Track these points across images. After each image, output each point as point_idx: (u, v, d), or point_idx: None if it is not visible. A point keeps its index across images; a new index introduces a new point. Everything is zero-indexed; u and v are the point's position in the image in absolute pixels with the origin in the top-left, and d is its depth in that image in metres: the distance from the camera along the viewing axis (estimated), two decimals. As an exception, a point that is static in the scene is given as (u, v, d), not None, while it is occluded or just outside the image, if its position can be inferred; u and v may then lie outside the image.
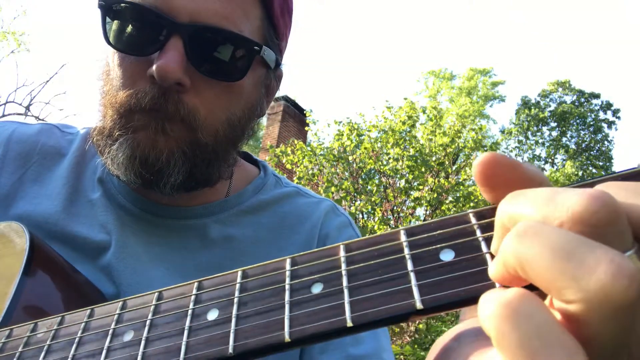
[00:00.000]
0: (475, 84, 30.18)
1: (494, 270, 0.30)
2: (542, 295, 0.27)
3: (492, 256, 0.32)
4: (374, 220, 9.83)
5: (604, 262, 0.24)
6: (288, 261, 0.40)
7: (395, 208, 10.07)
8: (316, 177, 10.09)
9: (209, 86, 0.73)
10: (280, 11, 0.82)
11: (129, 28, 0.72)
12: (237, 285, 0.41)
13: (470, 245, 0.33)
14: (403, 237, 0.35)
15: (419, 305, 0.31)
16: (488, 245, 0.33)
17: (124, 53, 0.72)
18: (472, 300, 0.30)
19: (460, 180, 10.85)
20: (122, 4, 0.71)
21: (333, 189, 9.32)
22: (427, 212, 10.54)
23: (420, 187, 10.05)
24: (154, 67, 0.68)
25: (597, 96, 28.07)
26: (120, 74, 0.73)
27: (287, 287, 0.38)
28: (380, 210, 9.84)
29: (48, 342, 0.51)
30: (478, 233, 0.33)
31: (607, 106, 27.94)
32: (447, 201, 10.53)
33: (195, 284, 0.45)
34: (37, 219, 0.81)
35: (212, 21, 0.70)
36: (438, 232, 0.34)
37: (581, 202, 0.26)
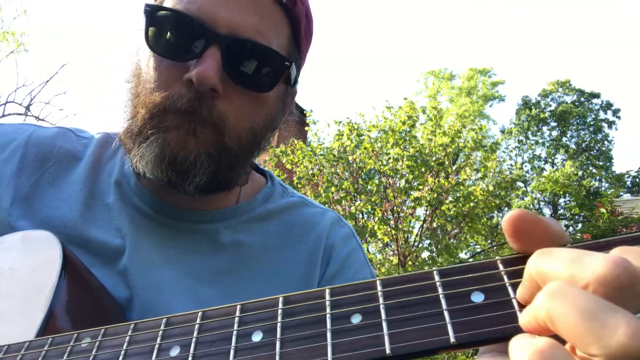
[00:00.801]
0: (475, 83, 30.16)
1: (525, 320, 0.35)
2: (563, 341, 0.32)
3: (518, 301, 0.37)
4: (374, 220, 9.84)
5: (623, 325, 0.29)
6: (327, 291, 0.43)
7: (395, 208, 10.08)
8: (316, 177, 10.10)
9: (239, 95, 0.77)
10: (304, 32, 0.87)
11: (171, 34, 0.76)
12: (280, 311, 0.44)
13: (498, 289, 0.38)
14: (437, 277, 0.40)
15: (452, 340, 0.36)
16: (514, 290, 0.37)
17: (163, 57, 0.76)
18: (500, 339, 0.35)
19: (460, 180, 10.87)
20: (167, 12, 0.76)
21: (333, 189, 9.33)
22: (427, 212, 10.56)
23: (420, 187, 10.06)
24: (194, 72, 0.72)
25: (597, 96, 28.08)
26: (156, 76, 0.76)
27: (328, 315, 0.42)
28: (380, 210, 9.86)
29: (94, 353, 0.52)
30: (505, 279, 0.38)
31: (607, 106, 27.96)
32: (447, 201, 10.54)
33: (239, 306, 0.48)
34: (56, 223, 0.83)
35: (248, 35, 0.76)
36: (469, 275, 0.39)
37: (605, 266, 0.31)
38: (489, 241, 13.12)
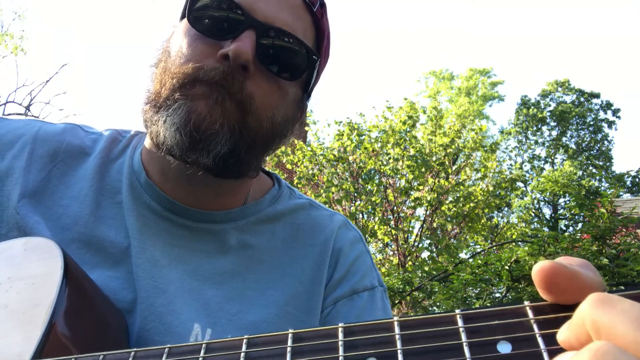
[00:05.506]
0: (475, 84, 30.16)
1: None
2: None
3: (550, 353, 0.34)
4: (374, 220, 9.84)
5: None
6: (341, 330, 0.41)
7: (395, 208, 10.08)
8: (316, 177, 10.09)
9: (266, 80, 0.80)
10: (325, 49, 0.91)
11: (211, 14, 0.80)
12: (289, 348, 0.42)
13: (527, 339, 0.34)
14: (460, 322, 0.37)
15: (476, 395, 0.33)
16: (545, 341, 0.34)
17: (201, 34, 0.79)
18: None
19: (460, 181, 10.86)
20: None
21: (333, 189, 9.31)
22: (427, 212, 10.56)
23: (420, 187, 10.05)
24: (231, 46, 0.75)
25: (597, 96, 28.06)
26: (190, 51, 0.79)
27: (341, 358, 0.39)
28: (380, 210, 9.85)
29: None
30: (535, 329, 0.35)
31: (607, 106, 27.94)
32: (447, 201, 10.54)
33: (245, 340, 0.46)
34: (67, 221, 0.83)
35: (282, 27, 0.80)
36: (495, 322, 0.36)
37: None
38: (489, 241, 13.10)
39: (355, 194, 9.82)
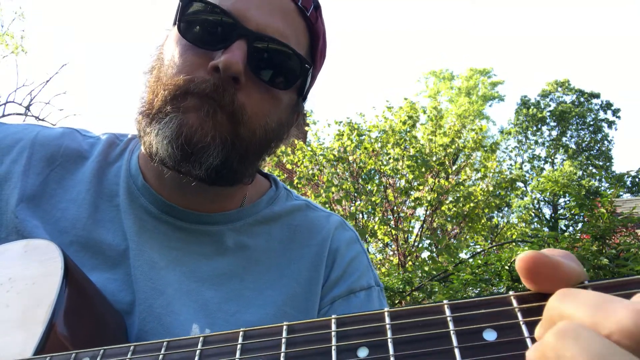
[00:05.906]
0: (475, 84, 30.17)
1: (532, 357, 0.33)
2: None
3: (533, 340, 0.35)
4: (374, 220, 9.84)
5: None
6: (333, 321, 0.42)
7: (395, 208, 10.09)
8: (316, 177, 10.10)
9: (258, 90, 0.80)
10: (320, 51, 0.90)
11: (202, 24, 0.79)
12: (284, 339, 0.43)
13: (511, 327, 0.36)
14: (447, 312, 0.38)
15: (463, 380, 0.34)
16: (528, 329, 0.36)
17: (192, 44, 0.79)
18: None
19: (460, 181, 10.87)
20: (202, 3, 0.79)
21: (333, 189, 9.32)
22: (427, 212, 10.56)
23: (421, 187, 10.06)
24: (222, 58, 0.75)
25: (596, 96, 28.08)
26: (181, 62, 0.78)
27: (333, 348, 0.40)
28: (380, 210, 9.86)
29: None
30: (519, 317, 0.36)
31: (607, 106, 27.97)
32: (447, 201, 10.55)
33: (241, 333, 0.47)
34: (65, 224, 0.83)
35: (274, 36, 0.79)
36: (481, 311, 0.37)
37: (631, 318, 0.29)
38: (489, 241, 13.11)
39: (355, 194, 9.83)
